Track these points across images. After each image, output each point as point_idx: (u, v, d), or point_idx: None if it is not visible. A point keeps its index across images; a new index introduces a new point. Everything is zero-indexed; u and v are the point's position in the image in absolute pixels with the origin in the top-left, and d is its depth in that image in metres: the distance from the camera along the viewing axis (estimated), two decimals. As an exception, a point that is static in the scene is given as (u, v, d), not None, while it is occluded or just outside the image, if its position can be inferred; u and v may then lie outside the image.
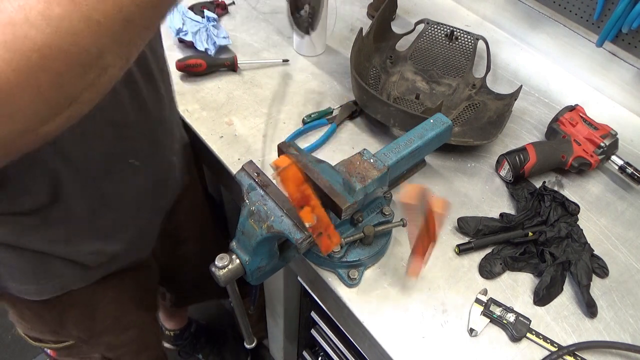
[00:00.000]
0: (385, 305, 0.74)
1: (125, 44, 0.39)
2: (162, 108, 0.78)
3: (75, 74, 0.37)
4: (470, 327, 0.72)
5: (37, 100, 0.36)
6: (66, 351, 0.94)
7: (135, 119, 0.71)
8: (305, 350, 1.27)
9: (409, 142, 0.75)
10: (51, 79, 0.35)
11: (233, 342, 1.76)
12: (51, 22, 0.34)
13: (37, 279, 0.76)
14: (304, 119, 0.96)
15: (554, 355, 0.69)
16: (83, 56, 0.36)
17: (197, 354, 1.74)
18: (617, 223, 0.86)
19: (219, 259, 0.66)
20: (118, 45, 0.38)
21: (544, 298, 0.75)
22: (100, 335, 0.94)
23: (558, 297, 0.76)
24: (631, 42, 0.99)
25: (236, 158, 0.90)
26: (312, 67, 1.09)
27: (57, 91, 0.37)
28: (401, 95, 1.04)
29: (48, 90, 0.36)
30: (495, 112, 0.98)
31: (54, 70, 0.35)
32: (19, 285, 0.77)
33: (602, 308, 0.75)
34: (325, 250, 0.61)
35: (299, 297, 1.10)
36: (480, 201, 0.87)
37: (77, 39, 0.35)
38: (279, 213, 0.62)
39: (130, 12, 0.37)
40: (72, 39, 0.35)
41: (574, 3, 1.05)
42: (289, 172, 0.57)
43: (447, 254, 0.80)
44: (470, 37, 1.11)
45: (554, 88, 1.09)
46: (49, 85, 0.36)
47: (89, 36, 0.35)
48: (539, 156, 0.87)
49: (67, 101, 0.38)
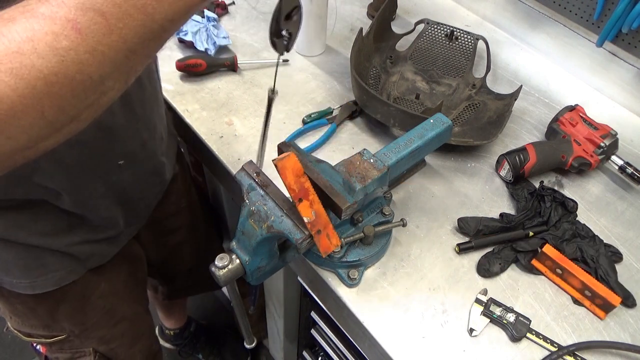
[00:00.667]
0: (385, 305, 0.74)
1: (125, 72, 0.41)
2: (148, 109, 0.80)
3: (78, 99, 0.39)
4: (470, 327, 0.72)
5: (40, 122, 0.37)
6: (58, 345, 0.94)
7: (123, 122, 0.73)
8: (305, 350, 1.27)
9: (409, 142, 0.75)
10: (54, 103, 0.37)
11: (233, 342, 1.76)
12: (58, 53, 0.36)
13: (29, 273, 0.77)
14: (304, 119, 0.96)
15: (554, 355, 0.69)
16: (87, 83, 0.38)
17: (197, 353, 1.74)
18: (617, 223, 0.86)
19: (219, 259, 0.65)
20: (119, 73, 0.40)
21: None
22: (92, 329, 0.94)
23: (558, 296, 0.76)
24: (631, 42, 0.99)
25: (236, 158, 0.90)
26: (312, 67, 1.09)
27: (59, 113, 0.38)
28: (401, 95, 1.04)
29: (50, 113, 0.37)
30: (495, 112, 0.98)
31: (58, 95, 0.37)
32: (11, 279, 0.78)
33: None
34: (324, 251, 0.61)
35: (299, 297, 1.10)
36: (480, 201, 0.87)
37: (82, 67, 0.37)
38: (279, 213, 0.62)
39: (134, 44, 0.39)
40: (77, 68, 0.37)
41: (574, 3, 1.05)
42: (289, 161, 0.58)
43: (447, 254, 0.80)
44: (470, 37, 1.11)
45: (554, 88, 1.09)
46: (51, 108, 0.37)
47: (93, 65, 0.37)
48: (539, 156, 0.87)
49: (67, 120, 0.39)
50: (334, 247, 0.62)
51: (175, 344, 1.72)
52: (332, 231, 0.61)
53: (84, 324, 0.92)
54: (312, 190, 0.59)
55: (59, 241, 0.76)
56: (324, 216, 0.60)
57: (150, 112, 0.81)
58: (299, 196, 0.59)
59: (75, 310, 0.89)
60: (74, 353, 0.97)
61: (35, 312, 0.86)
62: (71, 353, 0.97)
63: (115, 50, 0.38)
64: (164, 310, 1.60)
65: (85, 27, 0.36)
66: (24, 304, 0.84)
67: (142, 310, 1.09)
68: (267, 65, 1.08)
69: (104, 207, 0.79)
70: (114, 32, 0.37)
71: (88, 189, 0.74)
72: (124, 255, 0.94)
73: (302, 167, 0.59)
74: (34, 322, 0.89)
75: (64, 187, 0.70)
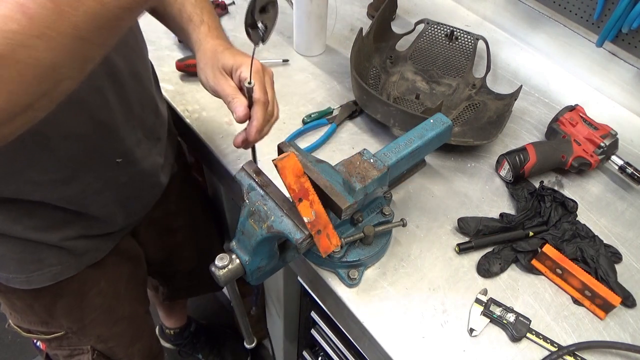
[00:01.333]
0: (385, 305, 0.74)
1: (79, 60, 0.41)
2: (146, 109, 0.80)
3: (29, 84, 0.39)
4: (470, 327, 0.72)
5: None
6: (57, 342, 0.95)
7: (121, 119, 0.73)
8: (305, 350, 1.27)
9: (409, 142, 0.75)
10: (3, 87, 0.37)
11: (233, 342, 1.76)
12: (6, 36, 0.36)
13: (25, 267, 0.78)
14: (304, 119, 0.96)
15: (554, 355, 0.69)
16: (37, 69, 0.38)
17: (197, 353, 1.74)
18: (617, 223, 0.86)
19: (219, 259, 0.65)
20: (73, 61, 0.41)
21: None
22: (90, 326, 0.95)
23: (558, 296, 0.76)
24: (631, 42, 0.99)
25: (236, 158, 0.90)
26: (312, 67, 1.09)
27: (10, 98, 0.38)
28: (401, 95, 1.04)
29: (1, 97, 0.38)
30: (495, 112, 0.98)
31: (6, 79, 0.37)
32: (7, 275, 0.78)
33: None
34: (324, 251, 0.61)
35: (299, 297, 1.10)
36: (480, 201, 0.87)
37: (31, 52, 0.37)
38: (279, 213, 0.62)
39: (86, 31, 0.39)
40: (26, 52, 0.37)
41: (574, 3, 1.05)
42: (289, 161, 0.58)
43: (447, 254, 0.80)
44: (470, 37, 1.11)
45: (554, 88, 1.09)
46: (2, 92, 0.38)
47: (43, 50, 0.38)
48: (539, 156, 0.87)
49: (20, 108, 0.40)
50: (334, 247, 0.62)
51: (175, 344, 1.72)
52: (332, 231, 0.61)
53: (81, 321, 0.93)
54: (312, 190, 0.60)
55: (55, 235, 0.76)
56: (324, 216, 0.60)
57: (147, 113, 0.81)
58: (298, 196, 0.59)
59: (73, 307, 0.89)
60: (72, 350, 0.98)
61: (32, 309, 0.87)
62: (70, 350, 0.98)
63: (66, 36, 0.38)
64: (165, 310, 1.60)
65: (34, 11, 0.36)
66: (21, 299, 0.85)
67: (142, 311, 1.09)
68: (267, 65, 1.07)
69: (99, 204, 0.79)
70: (64, 18, 0.37)
71: (82, 184, 0.74)
72: (124, 255, 0.94)
73: (302, 167, 0.59)
74: (32, 319, 0.90)
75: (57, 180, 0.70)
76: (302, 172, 0.59)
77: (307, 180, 0.60)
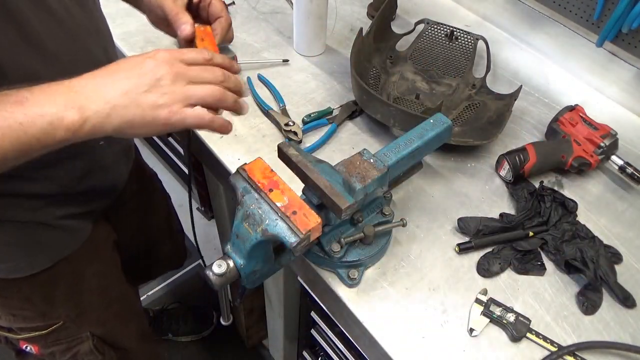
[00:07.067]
0: (385, 305, 0.74)
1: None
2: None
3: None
4: (470, 327, 0.72)
5: None
6: (54, 336, 0.94)
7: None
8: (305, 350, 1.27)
9: (409, 142, 0.74)
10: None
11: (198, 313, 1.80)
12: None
13: (27, 250, 0.80)
14: (304, 119, 0.96)
15: (554, 355, 0.69)
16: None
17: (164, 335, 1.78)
18: (617, 223, 0.86)
19: (217, 266, 0.64)
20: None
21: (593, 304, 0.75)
22: (88, 311, 0.96)
23: (558, 296, 0.76)
24: (631, 42, 0.99)
25: (236, 158, 0.90)
26: (312, 67, 1.09)
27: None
28: (401, 95, 1.04)
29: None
30: (495, 112, 0.98)
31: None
32: (10, 264, 0.80)
33: (602, 308, 0.75)
34: (305, 228, 0.60)
35: (299, 297, 1.10)
36: (480, 201, 0.87)
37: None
38: (273, 216, 0.62)
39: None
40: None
41: (574, 3, 1.05)
42: (256, 164, 0.66)
43: (447, 254, 0.80)
44: (470, 37, 1.11)
45: (554, 88, 1.09)
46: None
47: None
48: (539, 156, 0.87)
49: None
50: (314, 224, 0.61)
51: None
52: (309, 210, 0.62)
53: (79, 306, 0.94)
54: (282, 182, 0.64)
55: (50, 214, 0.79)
56: (297, 199, 0.63)
57: None
58: (268, 187, 0.63)
59: (72, 291, 0.91)
60: (70, 342, 0.98)
61: (30, 301, 0.87)
62: (67, 343, 0.97)
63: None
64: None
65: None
66: (19, 293, 0.85)
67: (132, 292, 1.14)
68: (267, 65, 1.08)
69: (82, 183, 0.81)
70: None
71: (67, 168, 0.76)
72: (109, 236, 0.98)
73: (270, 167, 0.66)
74: (29, 314, 0.90)
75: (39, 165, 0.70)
76: (270, 170, 0.65)
77: (276, 175, 0.65)
